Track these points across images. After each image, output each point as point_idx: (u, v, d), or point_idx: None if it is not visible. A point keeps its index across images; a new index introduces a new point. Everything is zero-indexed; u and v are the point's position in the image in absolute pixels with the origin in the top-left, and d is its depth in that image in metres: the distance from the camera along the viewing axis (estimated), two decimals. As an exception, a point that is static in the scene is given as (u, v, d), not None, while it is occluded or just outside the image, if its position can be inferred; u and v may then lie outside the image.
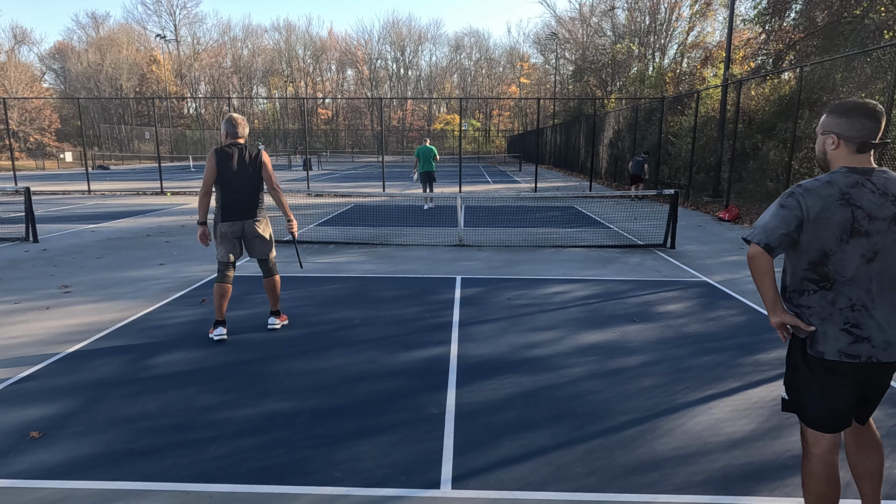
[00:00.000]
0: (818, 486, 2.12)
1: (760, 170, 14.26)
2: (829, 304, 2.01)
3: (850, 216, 1.93)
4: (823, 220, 1.95)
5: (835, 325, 2.00)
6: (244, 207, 4.58)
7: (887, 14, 12.99)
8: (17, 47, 63.71)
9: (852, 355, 1.99)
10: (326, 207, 14.72)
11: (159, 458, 2.90)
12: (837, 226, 1.94)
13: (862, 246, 1.94)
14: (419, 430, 3.19)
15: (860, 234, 1.94)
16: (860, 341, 1.99)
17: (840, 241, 1.95)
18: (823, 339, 2.03)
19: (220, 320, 4.64)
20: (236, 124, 4.55)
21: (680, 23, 35.47)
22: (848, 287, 1.98)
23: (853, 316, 1.99)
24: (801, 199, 1.98)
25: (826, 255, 1.98)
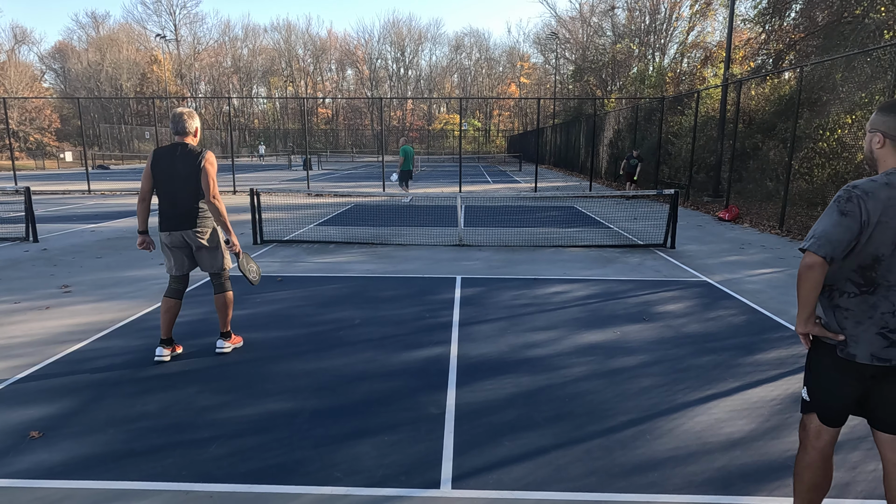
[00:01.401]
0: (814, 477, 2.16)
1: (760, 170, 14.26)
2: (870, 307, 1.96)
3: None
4: (883, 223, 1.89)
5: (871, 328, 1.97)
6: (180, 216, 4.05)
7: (887, 14, 12.99)
8: (17, 47, 63.72)
9: (884, 359, 1.97)
10: (326, 207, 14.72)
11: (159, 458, 2.90)
12: (894, 230, 1.89)
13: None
14: (419, 430, 3.19)
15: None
16: (894, 346, 1.96)
17: (894, 245, 1.90)
18: (855, 343, 1.99)
19: (164, 339, 4.18)
20: (177, 120, 4.02)
21: (680, 23, 35.48)
22: (893, 292, 1.94)
23: (894, 321, 1.95)
24: (861, 203, 1.90)
25: (878, 260, 1.92)
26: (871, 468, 2.82)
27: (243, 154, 60.03)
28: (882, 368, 2.00)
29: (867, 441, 3.05)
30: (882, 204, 1.88)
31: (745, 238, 9.79)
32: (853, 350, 1.99)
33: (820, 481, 2.17)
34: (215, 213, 4.02)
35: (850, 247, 1.93)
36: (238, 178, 25.63)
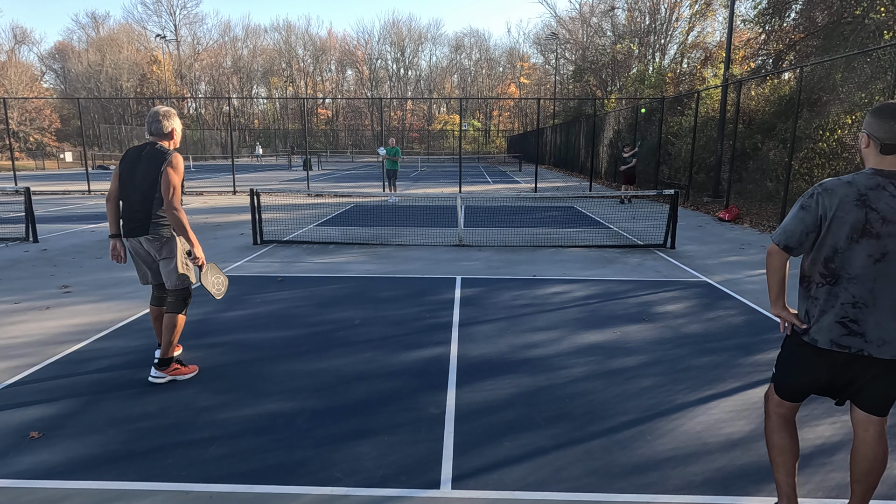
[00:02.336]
0: (780, 440, 2.35)
1: (760, 170, 14.26)
2: (833, 297, 2.11)
3: (864, 217, 2.00)
4: (839, 218, 2.04)
5: (833, 316, 2.12)
6: (135, 221, 3.69)
7: (887, 14, 12.99)
8: (17, 47, 63.74)
9: (843, 346, 2.12)
10: (326, 207, 14.72)
11: (159, 458, 2.90)
12: (850, 225, 2.02)
13: (871, 246, 2.01)
14: (419, 430, 3.19)
15: (870, 235, 2.01)
16: (853, 335, 2.10)
17: (849, 239, 2.03)
18: (818, 329, 2.16)
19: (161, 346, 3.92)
20: (151, 118, 3.75)
21: (680, 23, 35.47)
22: (853, 284, 2.07)
23: (853, 312, 2.09)
24: (819, 199, 2.08)
25: (836, 252, 2.07)
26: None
27: (243, 154, 60.06)
28: (849, 356, 2.13)
29: (867, 441, 3.05)
30: (839, 200, 2.04)
31: (745, 238, 9.79)
32: (816, 336, 2.17)
33: (787, 443, 2.34)
34: (175, 223, 3.60)
35: (809, 239, 2.12)
36: (238, 178, 25.65)
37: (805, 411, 3.40)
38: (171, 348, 3.81)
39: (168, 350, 3.79)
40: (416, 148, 69.66)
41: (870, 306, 2.07)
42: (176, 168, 3.64)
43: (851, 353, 2.12)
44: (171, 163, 3.63)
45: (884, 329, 2.07)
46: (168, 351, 3.79)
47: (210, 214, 13.33)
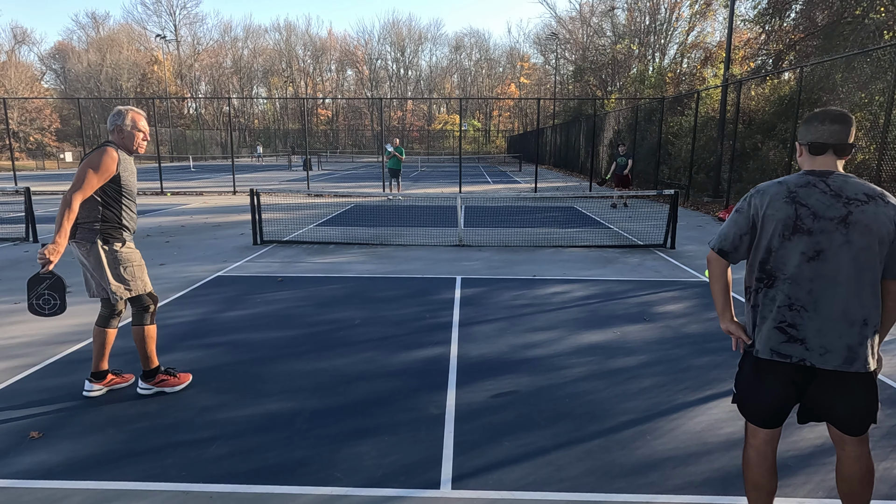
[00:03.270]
0: (753, 476, 2.17)
1: (760, 170, 14.25)
2: (770, 300, 2.01)
3: (794, 213, 1.95)
4: (769, 216, 1.99)
5: (771, 322, 2.01)
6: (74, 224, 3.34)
7: (887, 14, 12.99)
8: (17, 47, 63.77)
9: (783, 354, 1.99)
10: (326, 207, 14.72)
11: (159, 458, 2.90)
12: (780, 222, 1.96)
13: (803, 243, 1.94)
14: (419, 430, 3.19)
15: (802, 231, 1.94)
16: (793, 341, 1.98)
17: (781, 237, 1.97)
18: (759, 337, 2.05)
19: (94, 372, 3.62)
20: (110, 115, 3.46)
21: (680, 23, 35.49)
22: (788, 285, 1.97)
23: (790, 315, 1.98)
24: (751, 200, 2.05)
25: (769, 252, 2.00)
26: (871, 468, 2.81)
27: (243, 154, 60.06)
28: (793, 367, 2.00)
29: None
30: (769, 198, 2.00)
31: (745, 238, 9.78)
32: (758, 345, 2.05)
33: (760, 481, 2.16)
34: (60, 209, 3.16)
35: (744, 242, 2.06)
36: (238, 178, 25.65)
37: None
38: (151, 359, 3.59)
39: (148, 362, 3.59)
40: (416, 148, 69.65)
41: (809, 310, 1.95)
42: (91, 159, 3.23)
43: (794, 363, 1.98)
44: (90, 155, 3.26)
45: (825, 336, 1.94)
46: (148, 363, 3.60)
47: (210, 214, 13.33)
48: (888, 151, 8.10)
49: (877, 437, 3.09)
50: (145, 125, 3.48)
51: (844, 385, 1.98)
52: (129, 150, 3.45)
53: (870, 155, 10.36)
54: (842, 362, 1.95)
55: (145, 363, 3.61)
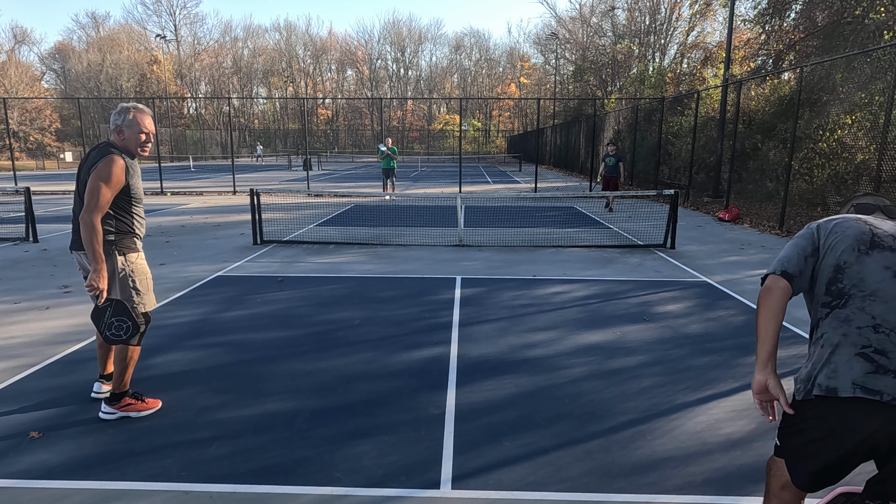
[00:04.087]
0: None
1: (760, 170, 14.26)
2: (843, 322, 1.64)
3: (869, 231, 1.71)
4: (837, 233, 1.75)
5: (849, 348, 1.61)
6: (76, 231, 3.20)
7: (887, 14, 12.99)
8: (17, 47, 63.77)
9: (872, 390, 1.56)
10: (326, 207, 14.72)
11: (159, 458, 2.90)
12: (854, 237, 1.71)
13: (886, 258, 1.65)
14: (419, 430, 3.19)
15: (883, 247, 1.68)
16: (884, 373, 1.56)
17: (857, 251, 1.69)
18: (833, 372, 1.63)
19: (102, 374, 3.58)
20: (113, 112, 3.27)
21: (680, 23, 35.49)
22: (869, 302, 1.62)
23: (877, 339, 1.58)
24: (815, 228, 1.83)
25: (840, 269, 1.70)
26: (871, 468, 2.81)
27: (243, 154, 60.05)
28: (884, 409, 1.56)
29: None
30: (835, 223, 1.79)
31: (744, 238, 9.79)
32: (831, 382, 1.63)
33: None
34: (83, 236, 2.99)
35: (809, 265, 1.77)
36: (238, 178, 25.66)
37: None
38: (123, 382, 3.32)
39: (119, 384, 3.31)
40: (416, 148, 69.66)
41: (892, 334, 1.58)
42: (100, 172, 3.02)
43: (886, 401, 1.54)
44: (98, 167, 3.03)
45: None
46: (119, 385, 3.31)
47: (210, 214, 13.33)
48: (888, 151, 8.10)
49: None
50: (150, 125, 3.23)
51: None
52: (130, 152, 3.23)
53: (870, 155, 10.36)
54: None
55: (117, 384, 3.31)
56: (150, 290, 3.40)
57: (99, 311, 3.12)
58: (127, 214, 3.23)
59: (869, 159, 10.34)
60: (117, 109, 3.23)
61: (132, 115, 3.19)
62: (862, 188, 10.46)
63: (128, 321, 3.16)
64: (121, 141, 3.21)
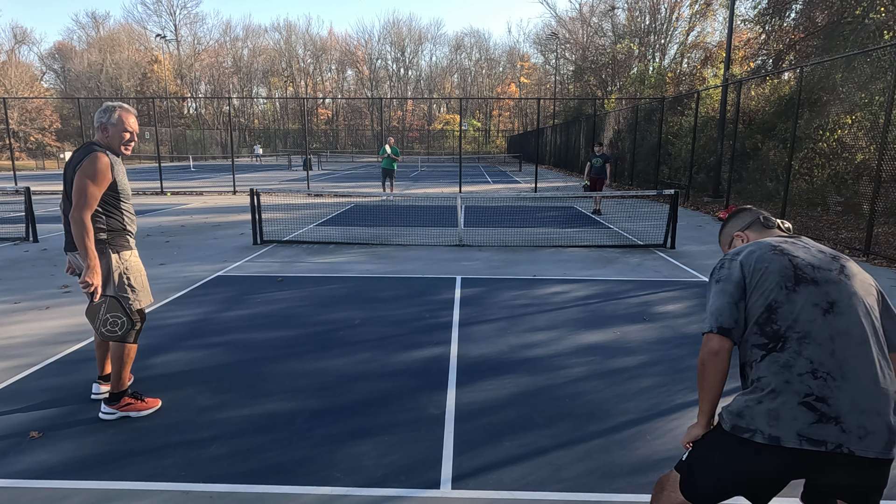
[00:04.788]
0: None
1: (760, 170, 14.26)
2: (783, 368, 1.56)
3: (789, 263, 1.64)
4: (760, 269, 1.66)
5: (791, 396, 1.53)
6: (68, 233, 3.23)
7: (887, 14, 12.99)
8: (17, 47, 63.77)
9: (816, 440, 1.50)
10: (326, 207, 14.72)
11: (159, 458, 2.90)
12: (779, 273, 1.63)
13: (813, 294, 1.59)
14: (419, 430, 3.19)
15: (807, 281, 1.61)
16: (827, 422, 1.50)
17: (785, 289, 1.61)
18: (775, 420, 1.54)
19: (101, 375, 3.55)
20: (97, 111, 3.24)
21: (680, 23, 35.49)
22: (806, 345, 1.55)
23: (817, 385, 1.52)
24: (730, 262, 1.73)
25: (772, 310, 1.61)
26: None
27: (243, 154, 60.07)
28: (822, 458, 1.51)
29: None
30: (755, 255, 1.70)
31: (744, 238, 9.78)
32: (775, 432, 1.53)
33: None
34: (75, 234, 3.03)
35: (741, 311, 1.67)
36: (238, 178, 25.65)
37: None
38: (121, 381, 3.32)
39: (118, 383, 3.31)
40: (416, 148, 69.67)
41: (837, 378, 1.51)
42: (89, 171, 3.02)
43: (829, 451, 1.49)
44: (84, 165, 3.03)
45: (863, 412, 1.49)
46: (118, 384, 3.31)
47: (210, 214, 13.33)
48: (888, 151, 8.10)
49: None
50: (134, 124, 3.22)
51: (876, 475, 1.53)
52: (114, 151, 3.21)
53: (870, 155, 10.37)
54: (883, 447, 1.49)
55: (115, 384, 3.31)
56: (146, 286, 3.40)
57: (93, 307, 3.16)
58: (116, 211, 3.24)
59: (869, 159, 10.34)
60: (103, 108, 3.22)
61: (117, 114, 3.19)
62: (862, 188, 10.47)
63: (122, 317, 3.20)
64: (105, 139, 3.20)
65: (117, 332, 3.21)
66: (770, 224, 1.92)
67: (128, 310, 3.24)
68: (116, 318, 3.20)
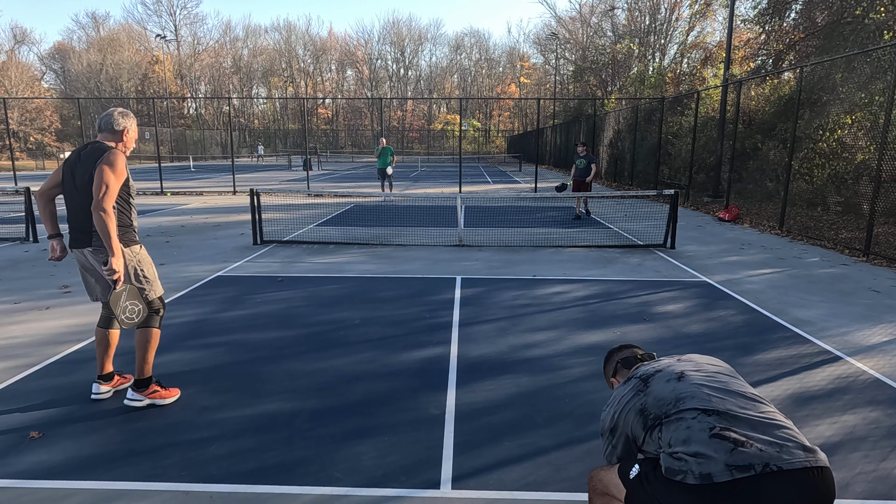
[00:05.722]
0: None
1: (760, 170, 14.26)
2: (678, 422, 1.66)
3: (638, 381, 1.93)
4: (621, 416, 1.90)
5: (701, 434, 1.58)
6: (78, 230, 3.36)
7: (887, 14, 12.99)
8: (17, 47, 63.76)
9: (743, 466, 1.49)
10: (326, 208, 14.72)
11: (159, 458, 2.90)
12: (629, 398, 1.89)
13: (658, 384, 1.84)
14: (419, 430, 3.19)
15: (655, 379, 1.90)
16: (743, 446, 1.53)
17: (641, 395, 1.86)
18: (702, 458, 1.54)
19: (101, 374, 3.58)
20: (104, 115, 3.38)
21: (680, 23, 35.48)
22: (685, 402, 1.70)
23: (716, 420, 1.61)
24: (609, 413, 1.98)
25: (644, 414, 1.80)
26: (871, 468, 2.82)
27: (243, 154, 60.07)
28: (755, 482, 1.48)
29: (867, 441, 3.05)
30: (616, 399, 1.95)
31: (744, 238, 9.79)
32: (705, 469, 1.52)
33: None
34: (98, 225, 3.15)
35: (629, 445, 1.88)
36: (238, 178, 25.65)
37: (805, 411, 3.40)
38: (148, 366, 3.46)
39: (144, 368, 3.45)
40: (416, 148, 69.68)
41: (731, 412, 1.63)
42: (113, 165, 3.17)
43: (759, 473, 1.47)
44: (107, 158, 3.17)
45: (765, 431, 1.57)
46: (144, 369, 3.45)
47: (210, 214, 13.33)
48: (888, 151, 8.10)
49: (877, 438, 3.09)
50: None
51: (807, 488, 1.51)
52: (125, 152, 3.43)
53: (870, 155, 10.36)
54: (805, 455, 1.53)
55: (140, 370, 3.44)
56: (156, 277, 3.56)
57: (116, 295, 3.29)
58: (127, 206, 3.38)
59: (869, 159, 10.33)
60: (120, 112, 3.37)
61: (132, 122, 3.44)
62: (862, 188, 10.47)
63: (139, 305, 3.35)
64: (121, 141, 3.37)
65: (135, 319, 3.35)
66: (631, 364, 2.22)
67: (144, 298, 3.41)
68: (134, 306, 3.34)
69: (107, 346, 3.54)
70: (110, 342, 3.55)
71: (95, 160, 3.19)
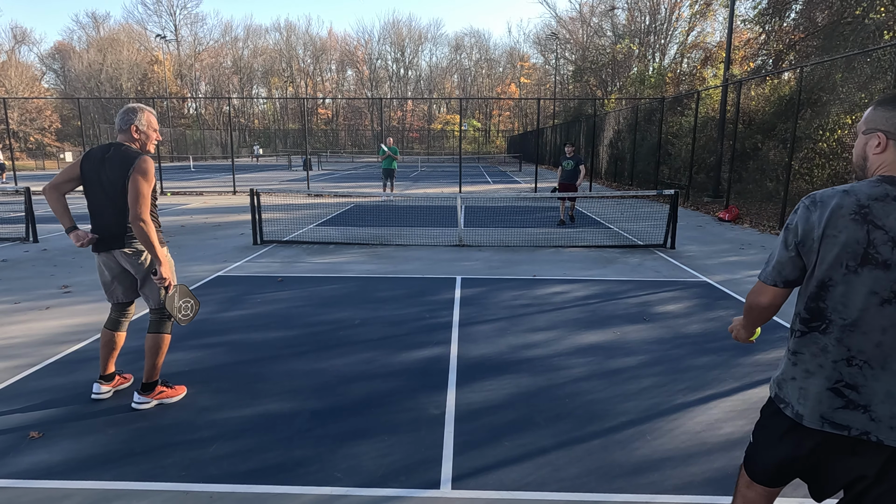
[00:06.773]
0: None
1: (760, 170, 14.27)
2: (821, 351, 1.54)
3: (865, 237, 1.43)
4: (828, 237, 1.47)
5: (822, 381, 1.54)
6: (108, 232, 3.33)
7: (887, 14, 12.99)
8: (17, 47, 63.75)
9: (840, 425, 1.51)
10: (326, 208, 14.73)
11: (159, 458, 2.90)
12: (844, 247, 1.45)
13: (876, 280, 1.43)
14: (419, 430, 3.19)
15: (875, 263, 1.43)
16: (854, 408, 1.50)
17: (846, 268, 1.46)
18: (804, 399, 1.57)
19: (103, 375, 3.58)
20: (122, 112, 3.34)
21: (680, 23, 35.48)
22: (848, 333, 1.49)
23: (850, 373, 1.50)
24: (802, 214, 1.55)
25: (824, 287, 1.51)
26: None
27: (243, 154, 60.07)
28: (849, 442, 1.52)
29: (867, 441, 3.05)
30: (829, 212, 1.48)
31: (744, 238, 9.79)
32: (800, 409, 1.58)
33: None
34: (140, 236, 3.19)
35: (794, 264, 1.58)
36: (238, 178, 25.66)
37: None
38: (156, 370, 3.47)
39: (153, 372, 3.45)
40: (416, 148, 69.68)
41: (875, 367, 1.46)
42: (145, 174, 3.19)
43: (851, 436, 1.50)
44: (140, 167, 3.18)
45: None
46: (153, 373, 3.45)
47: (210, 214, 13.33)
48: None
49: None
50: (157, 124, 3.44)
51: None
52: (146, 151, 3.39)
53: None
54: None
55: (149, 373, 3.44)
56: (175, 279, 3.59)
57: (170, 298, 3.37)
58: (154, 209, 3.36)
59: (869, 159, 10.31)
60: (129, 108, 3.32)
61: (146, 116, 3.35)
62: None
63: (190, 300, 3.49)
64: (136, 140, 3.34)
65: (191, 315, 3.49)
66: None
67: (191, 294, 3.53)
68: (187, 303, 3.47)
69: (112, 348, 3.56)
70: (116, 344, 3.56)
71: (127, 167, 3.19)
